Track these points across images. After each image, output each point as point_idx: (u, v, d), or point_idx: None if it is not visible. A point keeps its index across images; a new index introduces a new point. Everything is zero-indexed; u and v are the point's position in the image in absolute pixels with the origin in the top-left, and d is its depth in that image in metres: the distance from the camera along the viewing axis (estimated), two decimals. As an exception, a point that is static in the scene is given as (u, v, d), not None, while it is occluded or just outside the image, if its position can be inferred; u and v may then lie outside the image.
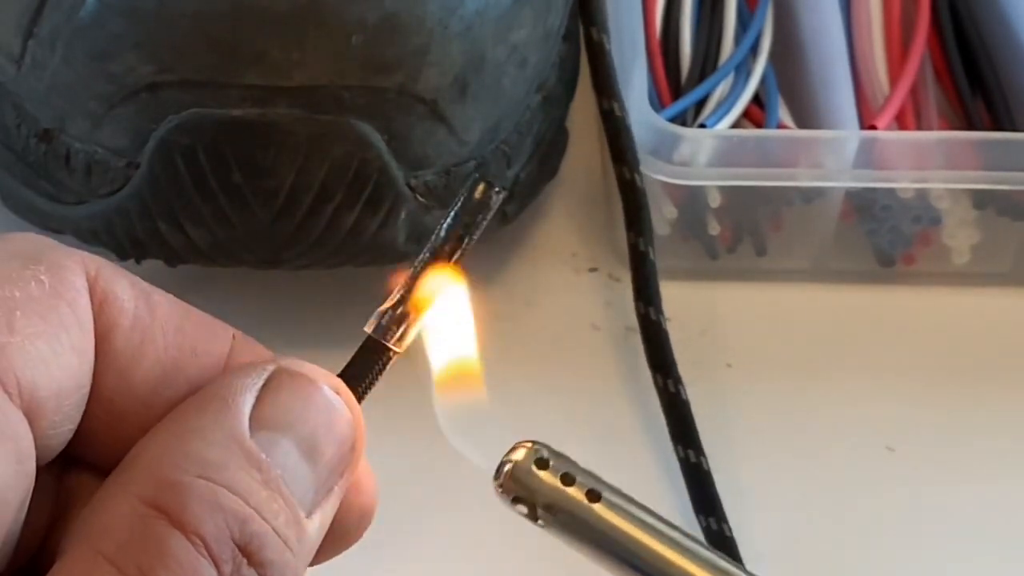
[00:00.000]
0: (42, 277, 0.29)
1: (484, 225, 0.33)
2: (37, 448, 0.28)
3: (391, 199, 0.49)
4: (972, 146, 0.54)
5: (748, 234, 0.56)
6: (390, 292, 0.33)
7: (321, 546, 0.31)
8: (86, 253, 0.30)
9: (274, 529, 0.29)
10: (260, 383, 0.30)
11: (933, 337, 0.56)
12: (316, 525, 0.30)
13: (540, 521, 0.31)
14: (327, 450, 0.30)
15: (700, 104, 0.56)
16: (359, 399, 0.32)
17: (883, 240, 0.57)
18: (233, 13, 0.47)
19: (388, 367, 0.32)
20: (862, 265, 0.57)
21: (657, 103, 0.56)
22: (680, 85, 0.57)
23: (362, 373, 0.32)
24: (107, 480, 0.29)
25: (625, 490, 0.32)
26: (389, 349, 0.32)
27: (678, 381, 0.52)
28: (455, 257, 0.33)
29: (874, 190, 0.55)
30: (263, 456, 0.29)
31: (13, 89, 0.51)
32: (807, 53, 0.58)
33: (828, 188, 0.54)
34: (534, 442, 0.31)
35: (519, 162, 0.53)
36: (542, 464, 0.31)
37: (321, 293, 0.54)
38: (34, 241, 0.30)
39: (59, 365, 0.29)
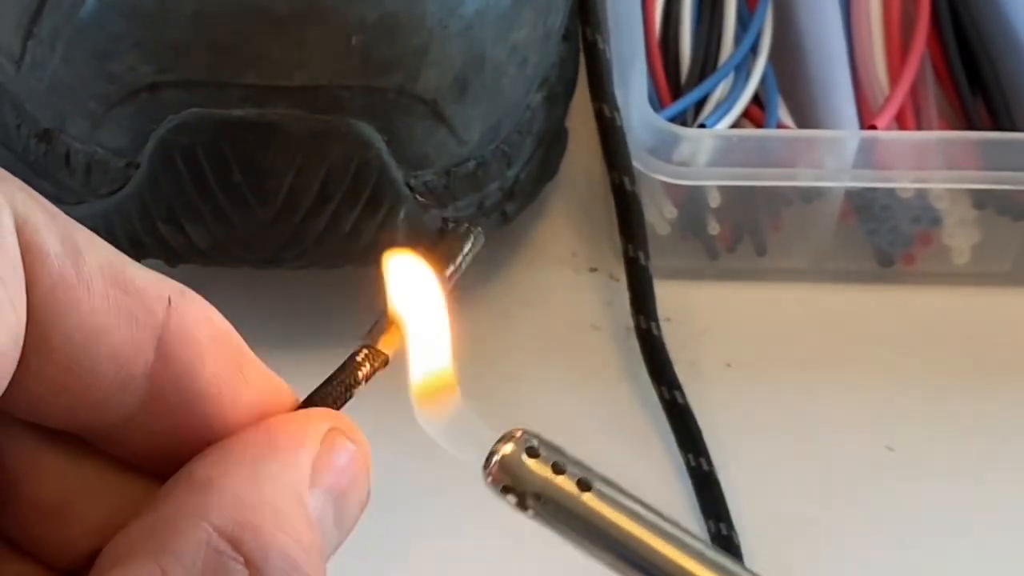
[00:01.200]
0: None
1: (463, 265, 0.34)
2: None
3: (391, 199, 0.49)
4: (972, 146, 0.54)
5: (748, 234, 0.56)
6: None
7: None
8: (15, 188, 0.29)
9: None
10: (320, 440, 0.30)
11: (933, 337, 0.56)
12: None
13: (530, 511, 0.31)
14: (352, 516, 0.31)
15: (700, 104, 0.56)
16: (340, 401, 0.32)
17: (883, 240, 0.57)
18: (233, 13, 0.47)
19: (374, 372, 0.33)
20: (862, 265, 0.57)
21: (657, 103, 0.56)
22: (680, 85, 0.57)
23: (345, 377, 0.32)
24: (169, 494, 0.29)
25: (624, 490, 0.32)
26: (375, 352, 0.33)
27: (673, 387, 0.52)
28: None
29: (874, 190, 0.55)
30: (318, 526, 0.29)
31: (13, 89, 0.51)
32: (807, 53, 0.58)
33: (828, 188, 0.54)
34: (524, 431, 0.31)
35: (519, 162, 0.53)
36: (532, 453, 0.31)
37: (321, 293, 0.54)
38: None
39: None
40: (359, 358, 0.32)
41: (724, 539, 0.49)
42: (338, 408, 0.32)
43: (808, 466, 0.52)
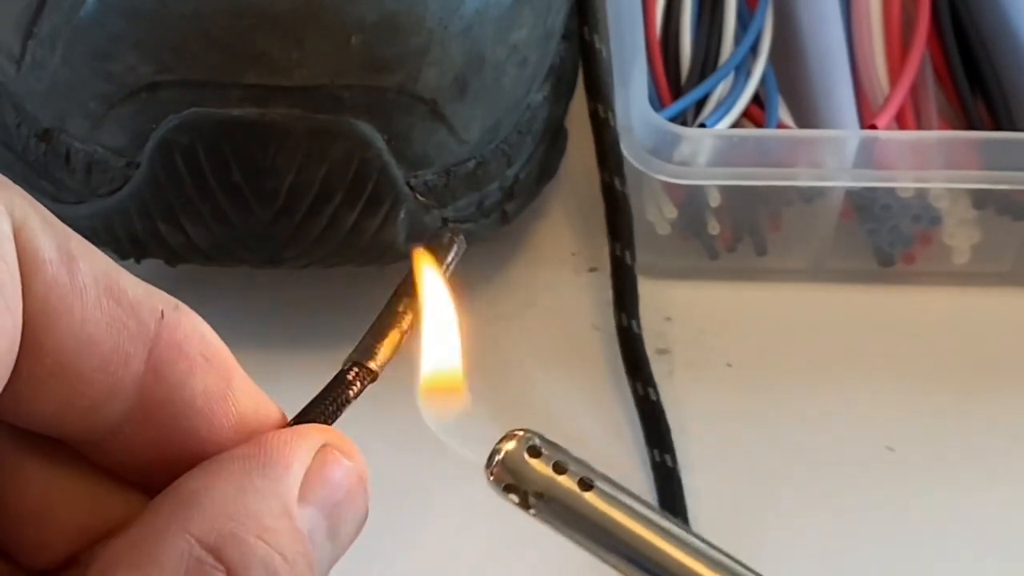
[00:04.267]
0: None
1: (448, 271, 0.34)
2: None
3: (391, 199, 0.49)
4: (972, 146, 0.54)
5: (748, 234, 0.56)
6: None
7: None
8: (14, 194, 0.29)
9: None
10: (314, 453, 0.30)
11: (933, 337, 0.56)
12: None
13: (532, 510, 0.31)
14: (348, 538, 0.31)
15: (700, 104, 0.56)
16: (330, 418, 0.32)
17: (883, 240, 0.57)
18: (233, 13, 0.47)
19: (360, 382, 0.33)
20: (862, 265, 0.57)
21: (657, 103, 0.56)
22: (680, 85, 0.57)
23: (335, 393, 0.32)
24: (156, 508, 0.29)
25: (625, 489, 0.32)
26: (365, 369, 0.33)
27: (648, 384, 0.52)
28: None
29: (874, 190, 0.55)
30: (307, 536, 0.30)
31: (13, 89, 0.51)
32: (807, 53, 0.58)
33: (828, 188, 0.54)
34: (526, 430, 0.31)
35: (519, 162, 0.53)
36: (534, 452, 0.31)
37: (321, 293, 0.54)
38: None
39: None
40: (350, 376, 0.32)
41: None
42: (328, 425, 0.32)
43: (808, 466, 0.52)
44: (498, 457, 0.31)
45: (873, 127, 0.55)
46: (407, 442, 0.48)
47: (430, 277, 0.34)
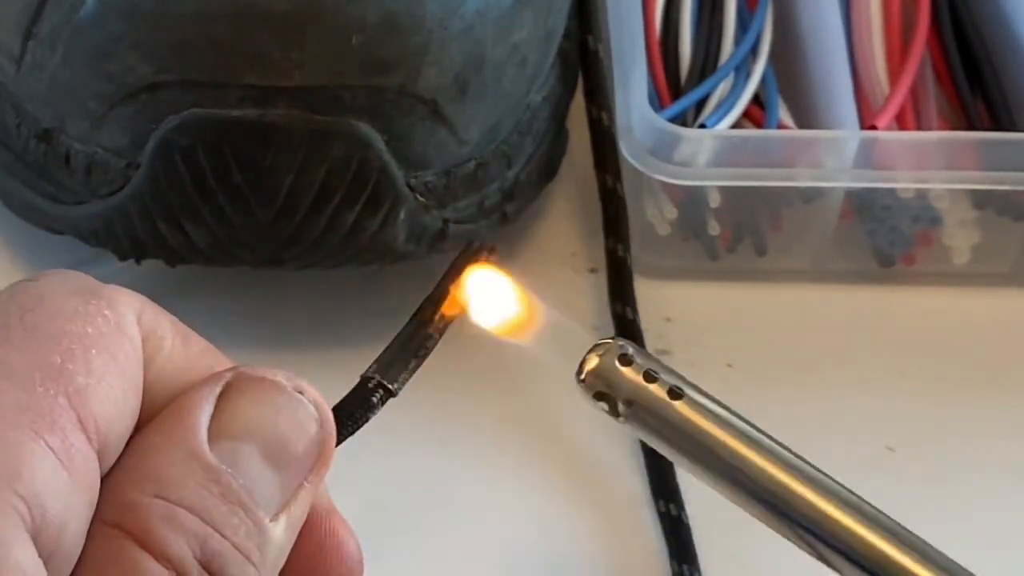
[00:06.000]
0: (106, 312, 0.29)
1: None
2: None
3: (391, 199, 0.49)
4: (972, 146, 0.54)
5: (748, 234, 0.56)
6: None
7: None
8: (132, 291, 0.30)
9: (234, 544, 0.29)
10: (217, 392, 0.30)
11: (933, 337, 0.56)
12: (282, 527, 0.30)
13: (621, 417, 0.31)
14: (293, 452, 0.30)
15: (700, 104, 0.56)
16: (346, 435, 0.32)
17: (883, 240, 0.57)
18: (233, 13, 0.47)
19: (378, 401, 0.33)
20: (862, 265, 0.57)
21: (657, 103, 0.56)
22: (680, 85, 0.57)
23: (355, 411, 0.32)
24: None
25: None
26: (379, 384, 0.33)
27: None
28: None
29: (874, 190, 0.55)
30: (223, 468, 0.29)
31: (13, 89, 0.51)
32: (807, 53, 0.58)
33: (828, 188, 0.54)
34: (617, 339, 0.31)
35: (519, 162, 0.53)
36: (626, 360, 0.31)
37: (321, 293, 0.54)
38: (83, 277, 0.30)
39: (126, 405, 0.29)
40: (374, 399, 0.32)
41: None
42: (340, 442, 0.32)
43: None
44: (589, 365, 0.31)
45: (873, 127, 0.55)
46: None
47: (473, 294, 0.34)
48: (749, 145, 0.53)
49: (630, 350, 0.31)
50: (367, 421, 0.32)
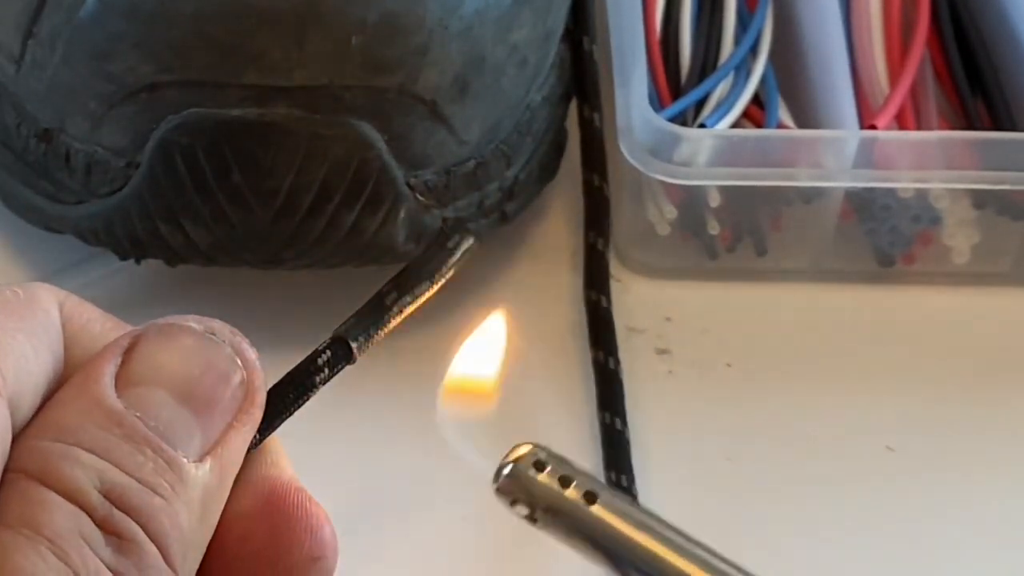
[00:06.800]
0: (17, 290, 0.30)
1: (451, 272, 0.34)
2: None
3: (391, 199, 0.49)
4: (972, 146, 0.54)
5: (748, 234, 0.56)
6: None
7: None
8: (54, 287, 0.31)
9: (139, 479, 0.28)
10: (125, 344, 0.30)
11: (933, 337, 0.56)
12: (208, 467, 0.30)
13: (539, 523, 0.31)
14: (208, 392, 0.30)
15: (700, 104, 0.56)
16: (302, 398, 0.32)
17: (883, 240, 0.57)
18: (233, 13, 0.47)
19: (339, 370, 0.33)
20: (862, 265, 0.57)
21: (657, 103, 0.56)
22: (680, 85, 0.57)
23: (309, 371, 0.32)
24: None
25: (631, 500, 0.32)
26: (344, 351, 0.33)
27: (610, 353, 0.53)
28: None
29: (874, 190, 0.55)
30: (126, 412, 0.29)
31: (13, 89, 0.51)
32: (807, 53, 0.58)
33: (828, 188, 0.54)
34: (533, 444, 0.32)
35: (519, 162, 0.53)
36: (540, 466, 0.31)
37: (321, 293, 0.54)
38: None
39: (37, 361, 0.29)
40: (326, 356, 0.32)
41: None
42: (295, 408, 0.32)
43: (808, 466, 0.52)
44: (504, 472, 0.31)
45: (873, 127, 0.55)
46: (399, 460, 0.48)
47: (436, 276, 0.34)
48: (749, 145, 0.53)
49: (543, 456, 0.31)
50: (325, 377, 0.32)
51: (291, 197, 0.48)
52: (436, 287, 0.34)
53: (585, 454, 0.51)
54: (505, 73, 0.51)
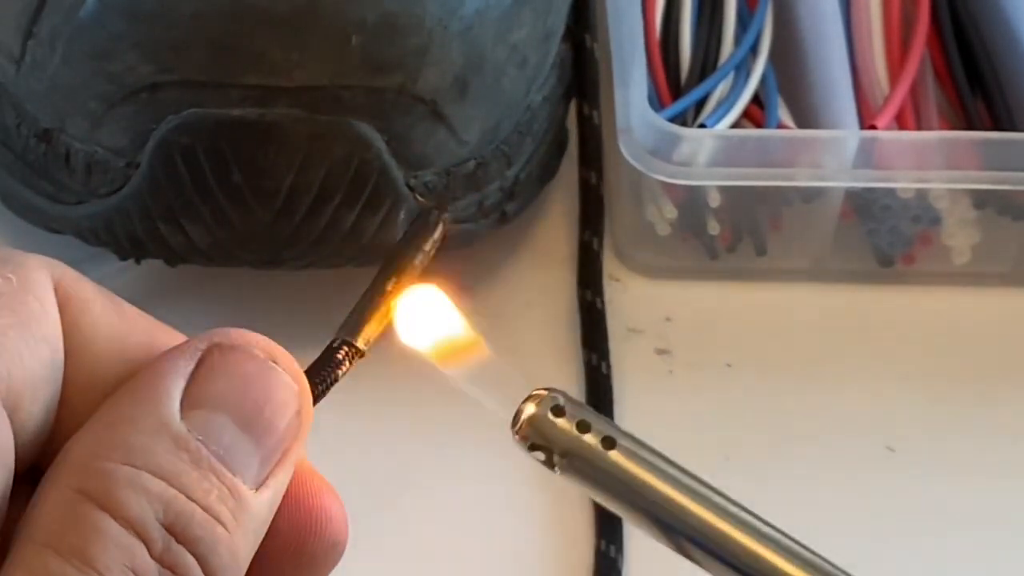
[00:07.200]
0: (8, 275, 0.29)
1: (430, 247, 0.34)
2: (16, 445, 0.29)
3: (391, 199, 0.49)
4: (972, 146, 0.54)
5: (748, 234, 0.56)
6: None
7: None
8: (52, 259, 0.31)
9: (204, 507, 0.28)
10: (193, 364, 0.30)
11: (933, 337, 0.56)
12: (266, 497, 0.30)
13: (557, 468, 0.32)
14: (269, 420, 0.30)
15: (700, 104, 0.56)
16: (318, 396, 0.32)
17: (883, 240, 0.57)
18: (233, 13, 0.47)
19: (349, 361, 0.33)
20: (862, 265, 0.57)
21: (657, 103, 0.56)
22: (680, 85, 0.57)
23: (324, 371, 0.32)
24: (44, 476, 0.29)
25: (650, 447, 0.32)
26: (346, 344, 0.33)
27: (603, 357, 0.54)
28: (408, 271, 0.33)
29: (874, 190, 0.55)
30: (192, 436, 0.29)
31: (13, 89, 0.51)
32: (807, 53, 0.58)
33: (828, 188, 0.54)
34: (550, 389, 0.32)
35: (519, 162, 0.53)
36: (558, 411, 0.32)
37: (321, 293, 0.54)
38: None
39: (32, 355, 0.29)
40: (339, 355, 0.33)
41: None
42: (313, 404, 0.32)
43: (808, 466, 0.52)
44: (523, 416, 0.31)
45: (873, 127, 0.55)
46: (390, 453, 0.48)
47: (418, 256, 0.34)
48: (749, 145, 0.53)
49: (561, 400, 0.32)
50: (337, 380, 0.32)
51: (291, 197, 0.48)
52: (419, 265, 0.34)
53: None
54: (505, 73, 0.51)
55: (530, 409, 0.32)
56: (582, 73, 0.56)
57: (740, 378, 0.55)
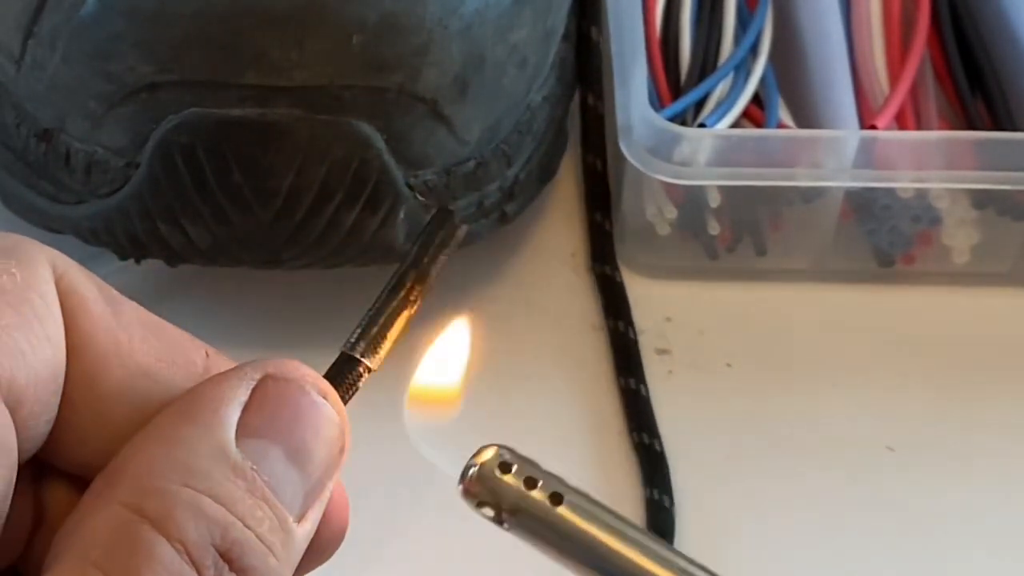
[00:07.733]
0: (13, 270, 0.29)
1: (450, 253, 0.34)
2: (18, 441, 0.29)
3: (391, 199, 0.49)
4: (972, 146, 0.54)
5: (748, 234, 0.56)
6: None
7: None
8: (55, 251, 0.31)
9: (257, 536, 0.29)
10: (248, 392, 0.30)
11: (933, 337, 0.56)
12: (306, 530, 0.30)
13: (505, 524, 0.32)
14: (316, 455, 0.30)
15: (700, 104, 0.56)
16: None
17: (883, 240, 0.57)
18: (233, 13, 0.47)
19: (362, 382, 0.33)
20: (862, 265, 0.57)
21: (657, 103, 0.56)
22: (680, 85, 0.57)
23: (341, 390, 0.33)
24: (91, 488, 0.29)
25: (597, 502, 0.32)
26: (362, 364, 0.33)
27: (639, 380, 0.54)
28: (426, 278, 0.33)
29: (874, 190, 0.55)
30: (248, 465, 0.29)
31: (13, 89, 0.51)
32: (807, 53, 0.58)
33: (828, 188, 0.54)
34: (498, 446, 0.32)
35: (519, 162, 0.53)
36: (505, 468, 0.32)
37: (321, 293, 0.54)
38: (2, 236, 0.31)
39: (35, 354, 0.29)
40: (357, 374, 0.33)
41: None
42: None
43: (808, 466, 0.52)
44: (471, 473, 0.32)
45: (873, 127, 0.55)
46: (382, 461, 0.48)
47: (438, 260, 0.34)
48: (749, 145, 0.53)
49: (508, 456, 0.32)
50: (350, 399, 0.33)
51: (291, 197, 0.48)
52: (435, 273, 0.34)
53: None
54: (505, 73, 0.51)
55: (477, 466, 0.32)
56: (586, 64, 0.56)
57: (740, 378, 0.55)
